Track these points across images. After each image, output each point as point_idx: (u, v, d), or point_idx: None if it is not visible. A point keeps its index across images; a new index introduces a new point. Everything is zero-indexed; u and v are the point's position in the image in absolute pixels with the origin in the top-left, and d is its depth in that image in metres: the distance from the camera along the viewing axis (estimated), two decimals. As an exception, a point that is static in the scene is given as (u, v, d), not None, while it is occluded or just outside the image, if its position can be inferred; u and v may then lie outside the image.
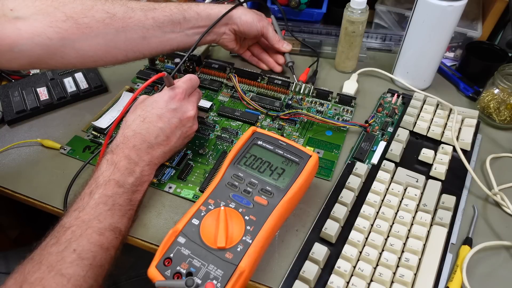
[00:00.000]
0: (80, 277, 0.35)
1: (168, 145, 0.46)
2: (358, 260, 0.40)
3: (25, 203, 0.49)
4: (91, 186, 0.41)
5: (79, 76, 0.64)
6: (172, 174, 0.50)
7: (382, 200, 0.46)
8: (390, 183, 0.47)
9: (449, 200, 0.45)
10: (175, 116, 0.46)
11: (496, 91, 0.55)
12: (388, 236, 0.42)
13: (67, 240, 0.36)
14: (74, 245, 0.36)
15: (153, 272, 0.36)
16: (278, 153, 0.44)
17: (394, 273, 0.39)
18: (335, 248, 0.42)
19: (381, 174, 0.48)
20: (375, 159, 0.51)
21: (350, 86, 0.62)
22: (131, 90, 0.62)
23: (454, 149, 0.50)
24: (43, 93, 0.60)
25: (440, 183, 0.47)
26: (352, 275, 0.39)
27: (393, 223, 0.44)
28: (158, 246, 0.41)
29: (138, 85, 0.63)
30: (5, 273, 0.39)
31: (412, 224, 0.43)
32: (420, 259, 0.40)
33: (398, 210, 0.45)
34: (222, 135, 0.55)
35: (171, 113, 0.46)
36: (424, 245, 0.41)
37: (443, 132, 0.54)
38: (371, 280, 0.39)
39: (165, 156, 0.47)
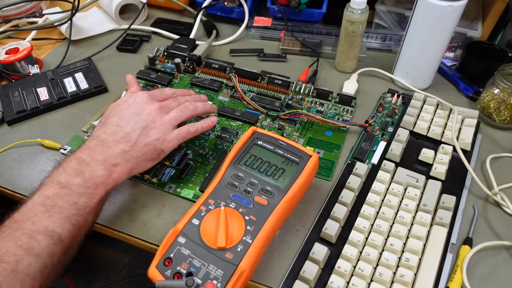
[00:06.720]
0: None
1: (128, 142, 0.40)
2: (358, 260, 0.40)
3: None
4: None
5: (79, 76, 0.64)
6: (172, 174, 0.50)
7: (382, 200, 0.46)
8: (390, 183, 0.47)
9: (449, 200, 0.45)
10: (135, 115, 0.42)
11: (496, 91, 0.55)
12: (388, 236, 0.42)
13: None
14: None
15: (153, 272, 0.36)
16: (278, 153, 0.44)
17: (394, 273, 0.39)
18: (335, 248, 0.42)
19: (381, 174, 0.48)
20: (375, 159, 0.51)
21: (350, 86, 0.62)
22: (131, 90, 0.62)
23: (454, 149, 0.50)
24: (43, 93, 0.60)
25: (440, 183, 0.47)
26: (352, 275, 0.39)
27: (393, 223, 0.44)
28: (158, 246, 0.41)
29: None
30: None
31: (412, 224, 0.43)
32: (420, 259, 0.40)
33: (398, 210, 0.45)
34: (222, 135, 0.55)
35: (132, 111, 0.42)
36: (424, 245, 0.41)
37: (443, 132, 0.54)
38: (371, 280, 0.39)
39: (127, 158, 0.40)
